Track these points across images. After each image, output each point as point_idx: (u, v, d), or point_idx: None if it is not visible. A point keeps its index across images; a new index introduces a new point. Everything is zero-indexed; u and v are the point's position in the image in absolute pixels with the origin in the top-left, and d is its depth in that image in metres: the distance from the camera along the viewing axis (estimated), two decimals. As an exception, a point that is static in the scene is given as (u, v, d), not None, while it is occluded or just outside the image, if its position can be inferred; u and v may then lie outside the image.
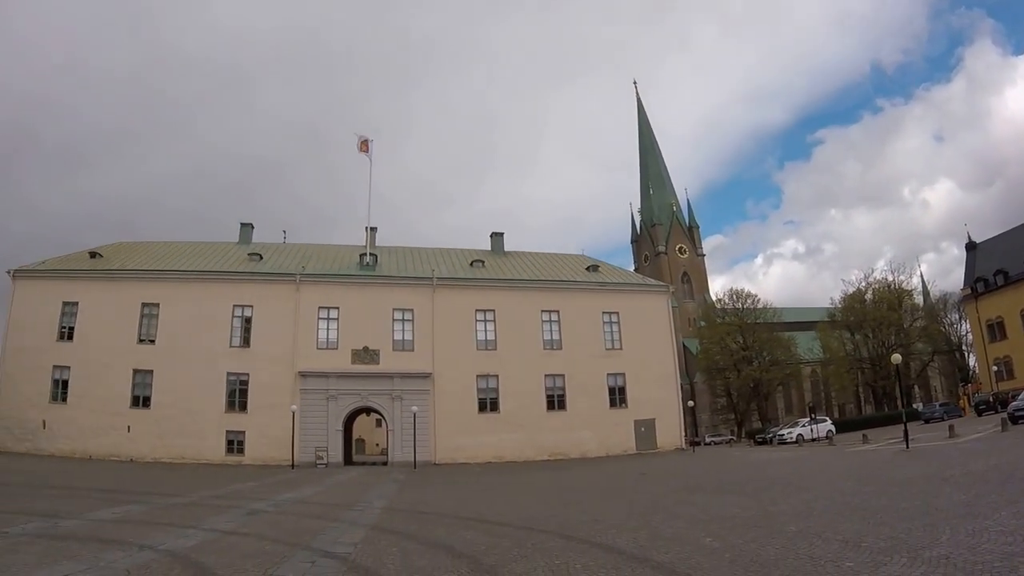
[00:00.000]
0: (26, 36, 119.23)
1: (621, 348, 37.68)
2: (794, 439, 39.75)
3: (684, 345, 67.67)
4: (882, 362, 54.30)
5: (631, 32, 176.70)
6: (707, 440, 57.62)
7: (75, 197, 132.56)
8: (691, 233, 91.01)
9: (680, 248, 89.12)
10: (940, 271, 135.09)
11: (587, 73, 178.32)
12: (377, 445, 56.30)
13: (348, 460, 35.70)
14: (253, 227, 42.78)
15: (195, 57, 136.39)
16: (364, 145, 39.01)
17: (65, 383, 34.27)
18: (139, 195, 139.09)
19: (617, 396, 37.08)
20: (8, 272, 35.99)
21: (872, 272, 62.37)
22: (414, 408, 33.10)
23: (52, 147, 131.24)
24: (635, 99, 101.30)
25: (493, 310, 36.58)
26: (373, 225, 39.63)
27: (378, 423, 46.25)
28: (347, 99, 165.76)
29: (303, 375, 33.83)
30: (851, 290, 59.61)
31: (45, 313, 34.80)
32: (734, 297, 60.75)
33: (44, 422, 33.53)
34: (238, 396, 33.95)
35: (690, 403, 46.59)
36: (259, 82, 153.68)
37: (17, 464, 25.30)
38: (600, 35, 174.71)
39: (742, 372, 55.83)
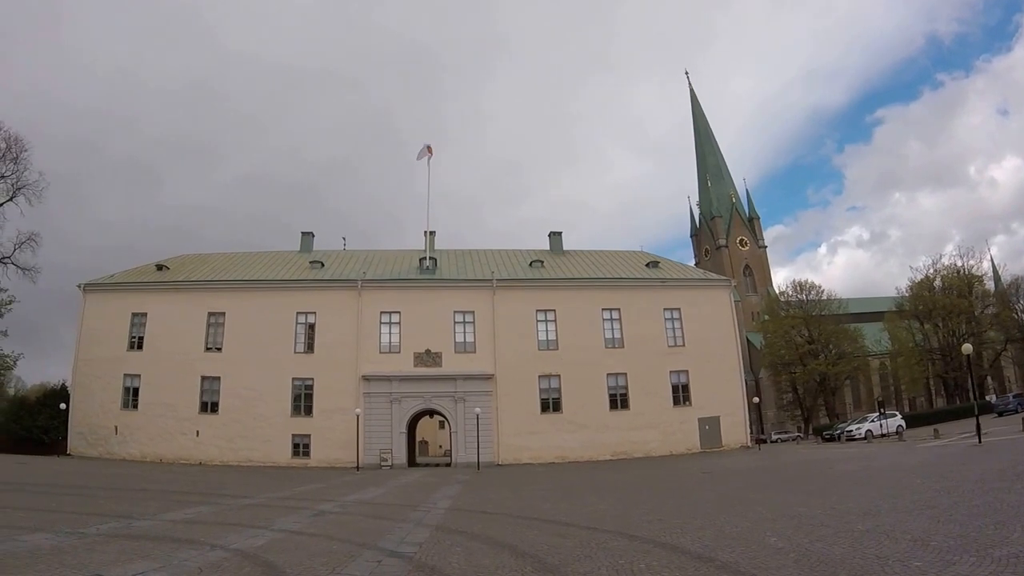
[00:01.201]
0: (88, 54, 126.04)
1: (684, 345, 37.66)
2: (862, 435, 39.22)
3: (748, 340, 66.94)
4: (952, 353, 52.97)
5: (680, 18, 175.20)
6: (773, 437, 57.01)
7: (140, 209, 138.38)
8: (751, 224, 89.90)
9: (741, 240, 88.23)
10: (1011, 254, 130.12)
11: (636, 64, 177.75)
12: (440, 447, 57.55)
13: (412, 462, 36.68)
14: (314, 235, 44.42)
15: (259, 62, 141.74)
16: (428, 150, 40.17)
17: (136, 390, 36.24)
18: (203, 204, 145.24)
19: (680, 394, 37.07)
20: (79, 286, 38.19)
21: (940, 257, 61.09)
22: (477, 410, 33.74)
23: (116, 161, 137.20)
24: (688, 90, 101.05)
25: (554, 310, 37.09)
26: (432, 229, 40.78)
27: (441, 425, 47.31)
28: (409, 99, 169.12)
29: (367, 379, 34.97)
30: (918, 277, 58.17)
31: (115, 324, 36.84)
32: (798, 289, 59.89)
33: (116, 428, 35.55)
34: (303, 401, 35.33)
35: (755, 399, 46.15)
36: (324, 84, 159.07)
37: (91, 468, 26.75)
38: (648, 22, 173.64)
39: (808, 366, 54.92)
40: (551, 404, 35.95)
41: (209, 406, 35.71)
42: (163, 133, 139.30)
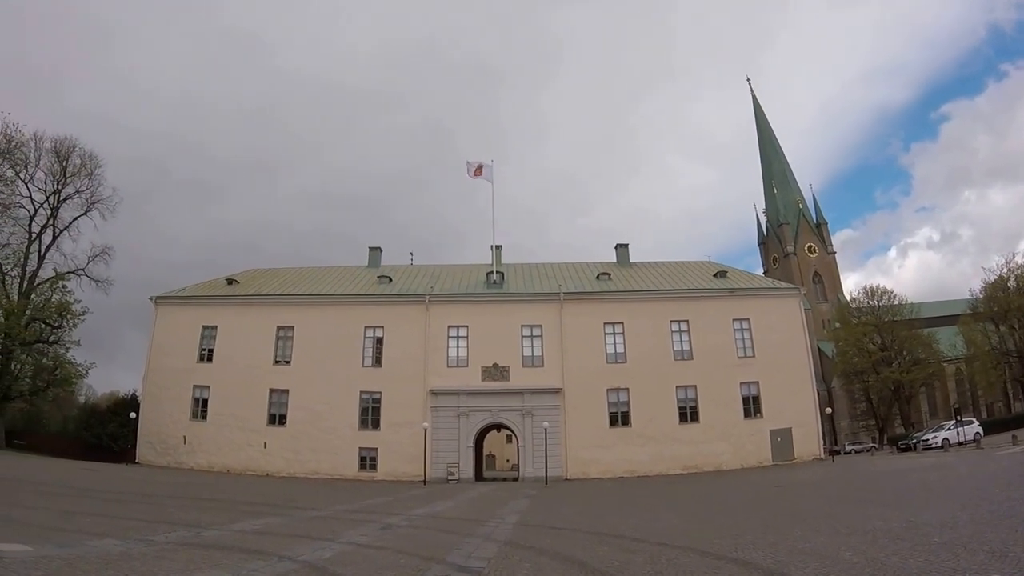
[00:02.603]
0: (152, 78, 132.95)
1: (754, 355, 37.60)
2: (939, 444, 38.51)
3: (819, 349, 66.18)
4: (1030, 355, 51.73)
5: (736, 21, 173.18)
6: (847, 449, 56.37)
7: (204, 225, 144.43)
8: (819, 230, 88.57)
9: (809, 247, 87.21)
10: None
11: (695, 70, 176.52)
12: (508, 461, 58.57)
13: (479, 476, 37.51)
14: (381, 250, 45.84)
15: (317, 81, 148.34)
16: (478, 171, 41.05)
17: (205, 402, 37.99)
18: (268, 220, 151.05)
19: (751, 405, 36.98)
20: (151, 299, 40.19)
21: (1013, 256, 58.99)
22: (545, 424, 34.25)
23: (182, 180, 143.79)
24: (749, 95, 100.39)
25: (621, 322, 37.51)
26: (498, 243, 41.78)
27: (508, 439, 48.13)
28: (468, 112, 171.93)
29: (434, 393, 35.96)
30: (992, 278, 56.41)
31: (186, 336, 38.66)
32: (869, 294, 58.95)
33: (184, 438, 37.33)
34: (371, 414, 36.50)
35: (828, 410, 46.00)
36: (384, 100, 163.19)
37: (159, 476, 27.90)
38: (705, 27, 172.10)
39: (881, 374, 53.95)
40: (620, 418, 36.33)
41: (277, 418, 37.17)
42: (227, 153, 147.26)
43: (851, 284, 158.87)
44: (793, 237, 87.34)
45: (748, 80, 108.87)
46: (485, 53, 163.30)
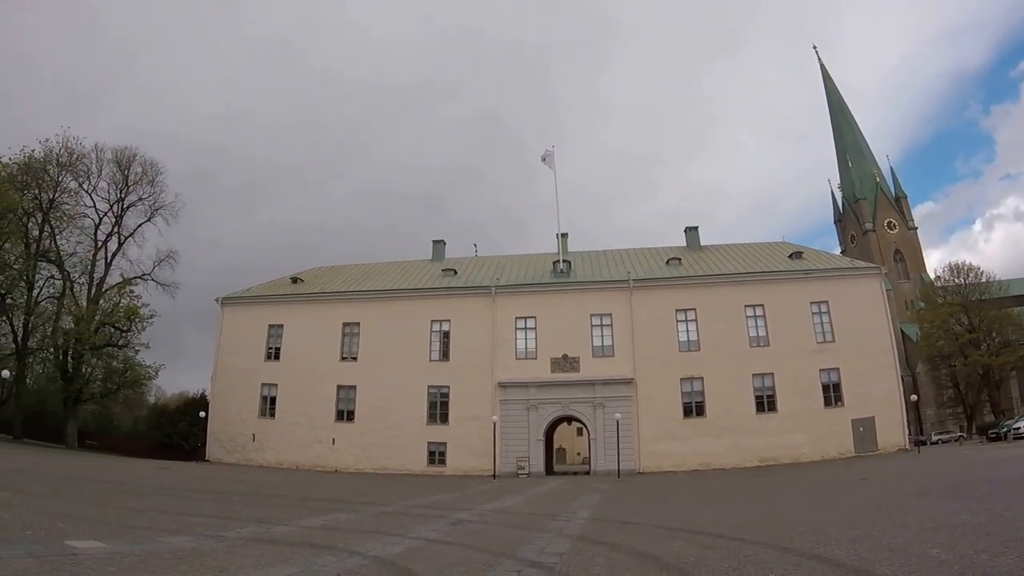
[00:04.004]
0: (194, 91, 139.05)
1: (833, 340, 36.85)
2: None
3: (902, 332, 64.43)
4: None
5: None
6: (933, 438, 54.92)
7: (260, 230, 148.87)
8: (899, 204, 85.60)
9: (889, 223, 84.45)
10: None
11: (759, 40, 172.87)
12: (579, 454, 58.97)
13: (549, 470, 37.93)
14: (445, 243, 46.83)
15: (358, 80, 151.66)
16: (544, 158, 41.61)
17: (273, 399, 39.47)
18: (324, 222, 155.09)
19: (831, 394, 36.27)
20: (217, 300, 41.83)
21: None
22: (617, 415, 34.36)
23: (229, 188, 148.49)
24: (817, 65, 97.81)
25: (694, 309, 37.28)
26: (564, 231, 41.96)
27: (579, 432, 48.64)
28: (521, 100, 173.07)
29: (503, 386, 36.48)
30: (1087, 249, 54.59)
31: (252, 335, 40.16)
32: (954, 272, 56.84)
33: (253, 435, 38.83)
34: (439, 408, 37.33)
35: (913, 397, 44.75)
36: (434, 94, 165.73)
37: (229, 474, 28.67)
38: None
39: (969, 358, 52.17)
40: (694, 408, 36.18)
41: (345, 414, 38.37)
42: (277, 157, 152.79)
43: (934, 261, 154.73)
44: (871, 213, 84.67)
45: (815, 48, 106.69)
46: (532, 36, 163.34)
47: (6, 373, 36.65)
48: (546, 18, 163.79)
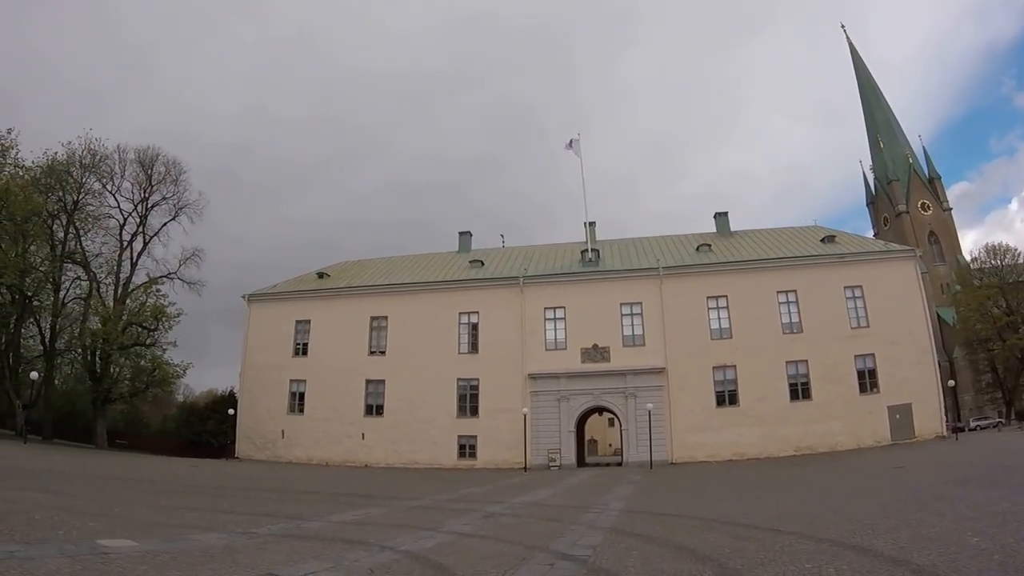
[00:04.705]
0: (214, 90, 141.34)
1: (868, 325, 36.52)
2: None
3: (939, 316, 62.81)
4: None
5: None
6: (971, 424, 54.35)
7: (283, 227, 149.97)
8: (932, 185, 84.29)
9: (923, 204, 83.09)
10: None
11: (782, 21, 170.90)
12: (610, 445, 58.89)
13: (581, 462, 37.81)
14: (471, 235, 46.95)
15: (379, 72, 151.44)
16: (569, 145, 41.63)
17: (301, 395, 39.90)
18: (348, 217, 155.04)
19: (867, 380, 35.93)
20: (243, 297, 42.29)
21: None
22: (649, 405, 34.26)
23: (253, 185, 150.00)
24: (846, 43, 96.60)
25: (725, 296, 37.15)
26: (591, 220, 41.91)
27: (611, 422, 48.68)
28: (544, 87, 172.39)
29: (533, 377, 36.60)
30: None
31: (280, 332, 40.59)
32: (990, 253, 56.28)
33: (283, 432, 39.29)
34: (468, 401, 37.55)
35: (950, 383, 44.31)
36: (455, 84, 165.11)
37: (259, 470, 29.21)
38: None
39: (1007, 341, 51.50)
40: (727, 397, 36.07)
41: (374, 409, 38.71)
42: (300, 153, 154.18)
43: (970, 243, 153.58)
44: (904, 194, 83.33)
45: (843, 27, 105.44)
46: (554, 20, 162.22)
47: (35, 375, 37.44)
48: (569, 2, 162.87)
